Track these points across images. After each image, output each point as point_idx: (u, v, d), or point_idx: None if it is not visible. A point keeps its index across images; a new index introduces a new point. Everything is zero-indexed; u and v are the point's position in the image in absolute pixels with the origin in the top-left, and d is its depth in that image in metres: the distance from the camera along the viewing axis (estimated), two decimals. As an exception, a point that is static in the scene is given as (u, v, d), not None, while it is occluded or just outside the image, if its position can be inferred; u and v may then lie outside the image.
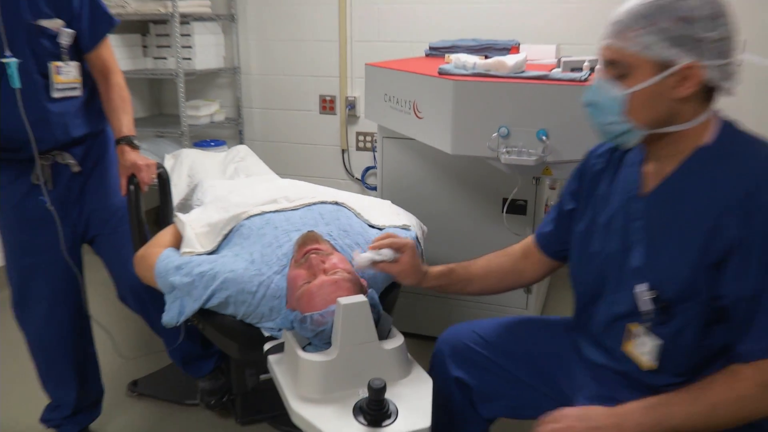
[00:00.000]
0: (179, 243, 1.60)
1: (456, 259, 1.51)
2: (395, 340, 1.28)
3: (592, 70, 1.79)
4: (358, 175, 3.49)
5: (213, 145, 3.28)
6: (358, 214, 1.69)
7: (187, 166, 2.31)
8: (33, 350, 1.85)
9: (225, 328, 1.46)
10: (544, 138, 1.70)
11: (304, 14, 3.34)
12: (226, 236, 1.58)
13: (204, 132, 3.56)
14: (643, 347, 1.13)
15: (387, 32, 3.20)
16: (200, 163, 2.35)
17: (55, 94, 1.63)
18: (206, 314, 1.45)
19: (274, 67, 3.49)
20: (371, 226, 1.67)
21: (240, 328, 1.44)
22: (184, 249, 1.54)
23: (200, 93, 3.63)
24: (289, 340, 1.30)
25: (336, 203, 1.71)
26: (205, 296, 1.40)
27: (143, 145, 1.73)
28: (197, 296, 1.40)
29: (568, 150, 1.68)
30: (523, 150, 1.73)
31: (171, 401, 2.15)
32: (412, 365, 1.30)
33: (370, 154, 3.42)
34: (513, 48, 2.54)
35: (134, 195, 1.72)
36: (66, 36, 1.63)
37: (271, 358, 1.35)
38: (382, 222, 1.69)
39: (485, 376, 1.37)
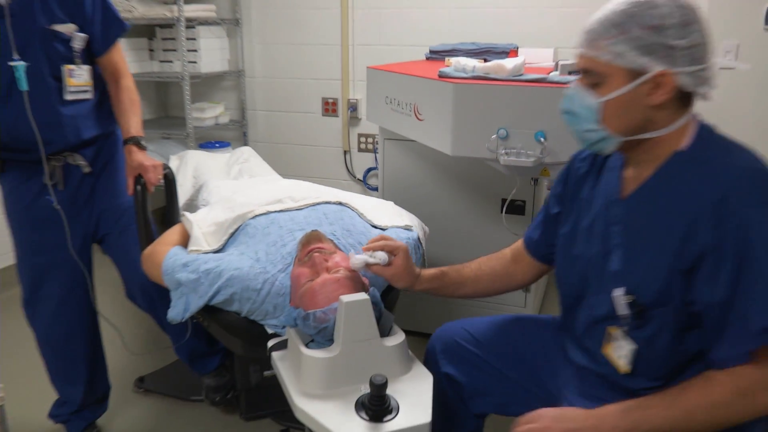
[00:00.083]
0: (186, 241, 1.61)
1: (456, 258, 1.51)
2: (396, 337, 1.28)
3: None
4: (359, 176, 3.49)
5: (218, 147, 3.29)
6: (362, 214, 1.69)
7: (192, 167, 2.31)
8: (42, 347, 1.85)
9: (229, 325, 1.46)
10: (542, 140, 1.71)
11: (306, 18, 3.34)
12: (232, 235, 1.59)
13: (209, 134, 3.56)
14: (621, 351, 1.12)
15: (388, 36, 3.21)
16: (205, 164, 2.35)
17: (68, 97, 1.65)
18: (211, 311, 1.45)
19: (278, 70, 3.50)
20: (374, 226, 1.67)
21: (244, 325, 1.44)
22: (191, 247, 1.54)
23: (205, 96, 3.64)
24: (292, 337, 1.30)
25: (340, 203, 1.71)
26: (210, 293, 1.40)
27: (149, 147, 1.74)
28: (203, 293, 1.41)
29: (565, 151, 1.68)
30: (522, 151, 1.73)
31: (176, 397, 2.15)
32: (413, 362, 1.30)
33: (371, 156, 3.43)
34: (511, 51, 2.55)
35: (141, 195, 1.72)
36: (79, 40, 1.64)
37: (275, 354, 1.35)
38: (385, 222, 1.69)
39: (475, 372, 1.37)
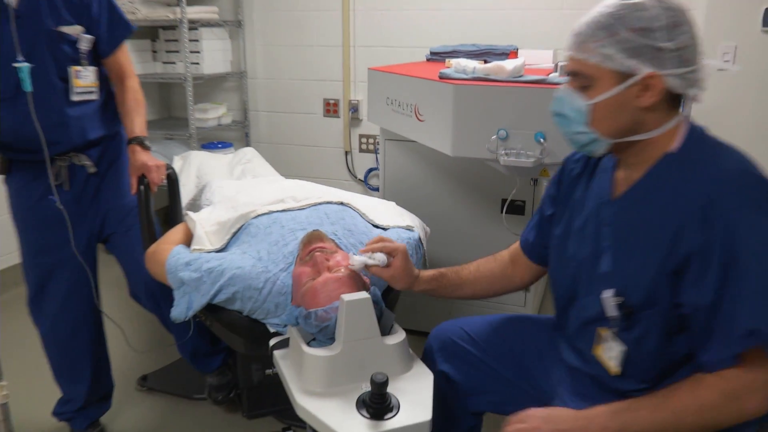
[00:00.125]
0: (189, 240, 1.61)
1: (456, 258, 1.51)
2: (397, 336, 1.28)
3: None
4: (360, 177, 3.49)
5: (220, 147, 3.29)
6: (363, 214, 1.69)
7: (195, 168, 2.32)
8: (46, 345, 1.85)
9: (232, 324, 1.46)
10: (541, 140, 1.71)
11: (308, 20, 3.35)
12: (234, 234, 1.59)
13: (211, 134, 3.56)
14: (611, 352, 1.11)
15: (389, 38, 3.21)
16: (208, 165, 2.35)
17: (75, 98, 1.65)
18: (214, 310, 1.45)
19: (280, 71, 3.50)
20: (375, 226, 1.67)
21: (246, 324, 1.44)
22: (194, 246, 1.55)
23: (208, 96, 3.64)
24: (294, 335, 1.30)
25: (341, 203, 1.71)
26: (212, 292, 1.40)
27: (153, 147, 1.74)
28: (205, 291, 1.41)
29: (565, 152, 1.66)
30: (522, 152, 1.73)
31: (179, 395, 2.15)
32: (414, 360, 1.30)
33: (372, 156, 3.43)
34: (511, 53, 2.55)
35: (144, 195, 1.72)
36: (85, 41, 1.65)
37: (277, 353, 1.35)
38: (386, 222, 1.69)
39: (470, 371, 1.36)
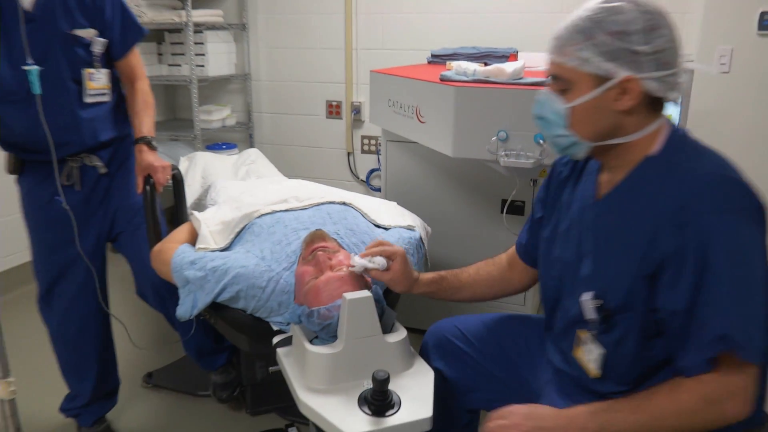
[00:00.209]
0: (194, 239, 1.61)
1: (457, 257, 1.51)
2: (398, 334, 1.28)
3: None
4: (362, 177, 3.49)
5: (225, 148, 3.29)
6: (365, 214, 1.69)
7: (200, 168, 2.32)
8: (55, 342, 1.86)
9: (236, 322, 1.46)
10: (541, 142, 1.71)
11: (311, 23, 3.35)
12: (238, 234, 1.59)
13: (216, 135, 3.57)
14: (590, 355, 1.10)
15: (391, 40, 3.21)
16: (213, 166, 2.36)
17: (88, 100, 1.66)
18: (218, 308, 1.45)
19: (283, 73, 3.50)
20: (377, 225, 1.67)
21: (250, 322, 1.45)
22: (198, 245, 1.55)
23: (213, 98, 3.64)
24: (296, 333, 1.30)
25: (343, 203, 1.71)
26: (216, 290, 1.40)
27: (158, 148, 1.75)
28: (209, 290, 1.41)
29: (564, 153, 1.69)
30: (521, 153, 1.73)
31: (184, 392, 2.15)
32: (415, 358, 1.30)
33: (374, 157, 3.43)
34: (511, 56, 2.54)
35: (150, 195, 1.73)
36: (99, 45, 1.66)
37: (280, 350, 1.35)
38: (388, 222, 1.69)
39: (463, 369, 1.36)
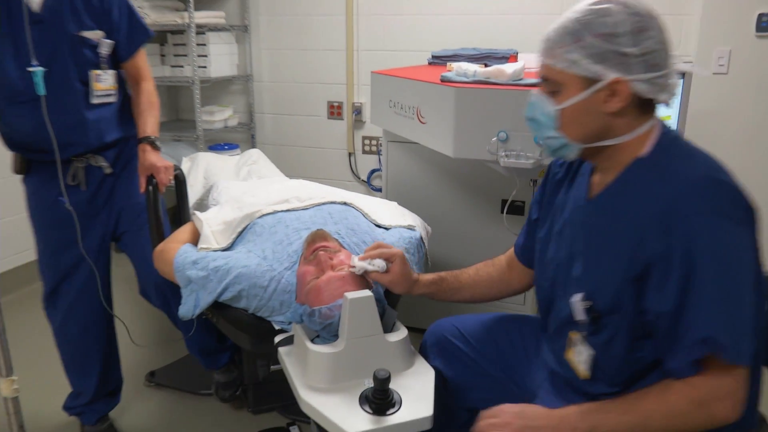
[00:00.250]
0: (196, 239, 1.61)
1: (458, 256, 1.51)
2: (399, 333, 1.28)
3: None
4: (364, 178, 3.49)
5: (227, 149, 3.29)
6: (366, 214, 1.69)
7: (203, 169, 2.33)
8: (58, 340, 1.86)
9: (238, 321, 1.46)
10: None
11: (313, 25, 3.35)
12: (240, 234, 1.59)
13: (218, 136, 3.57)
14: (580, 356, 1.09)
15: (392, 42, 3.21)
16: (215, 166, 2.36)
17: (94, 100, 1.67)
18: (220, 308, 1.45)
19: (285, 74, 3.50)
20: (378, 225, 1.67)
21: (252, 321, 1.44)
22: (200, 245, 1.55)
23: (215, 99, 3.64)
24: (298, 332, 1.30)
25: (344, 203, 1.71)
26: (219, 290, 1.41)
27: (161, 148, 1.75)
28: (212, 289, 1.41)
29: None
30: (521, 153, 1.73)
31: (186, 391, 2.15)
32: (415, 357, 1.31)
33: (375, 158, 3.43)
34: (511, 57, 2.54)
35: (152, 195, 1.73)
36: (106, 46, 1.66)
37: (282, 349, 1.35)
38: (388, 222, 1.69)
39: (460, 368, 1.36)
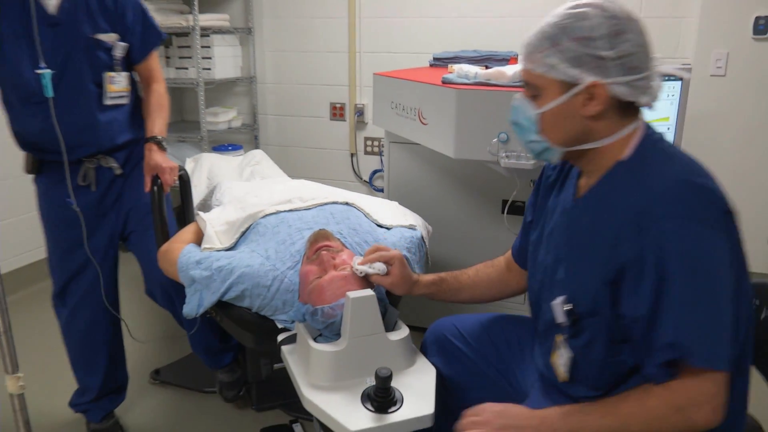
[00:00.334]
0: (200, 239, 1.61)
1: (458, 256, 1.50)
2: (401, 332, 1.28)
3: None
4: (366, 178, 3.49)
5: (230, 150, 3.29)
6: (367, 214, 1.69)
7: (206, 169, 2.33)
8: (66, 337, 1.86)
9: (241, 320, 1.47)
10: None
11: (316, 27, 3.35)
12: (243, 234, 1.59)
13: (222, 137, 3.57)
14: (561, 359, 1.09)
15: (394, 44, 3.21)
16: (219, 166, 2.36)
17: (108, 102, 1.67)
18: (224, 307, 1.45)
19: (288, 76, 3.50)
20: (379, 225, 1.67)
21: (255, 320, 1.44)
22: (204, 245, 1.55)
23: (219, 101, 3.65)
24: (301, 331, 1.30)
25: (346, 203, 1.70)
26: (222, 289, 1.40)
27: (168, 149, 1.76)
28: (215, 289, 1.41)
29: (563, 154, 1.68)
30: (522, 154, 1.73)
31: (191, 389, 2.16)
32: (417, 355, 1.30)
33: (377, 158, 3.43)
34: (512, 59, 2.54)
35: (157, 195, 1.73)
36: (120, 48, 1.67)
37: (285, 348, 1.35)
38: (390, 222, 1.68)
39: (457, 367, 1.35)
